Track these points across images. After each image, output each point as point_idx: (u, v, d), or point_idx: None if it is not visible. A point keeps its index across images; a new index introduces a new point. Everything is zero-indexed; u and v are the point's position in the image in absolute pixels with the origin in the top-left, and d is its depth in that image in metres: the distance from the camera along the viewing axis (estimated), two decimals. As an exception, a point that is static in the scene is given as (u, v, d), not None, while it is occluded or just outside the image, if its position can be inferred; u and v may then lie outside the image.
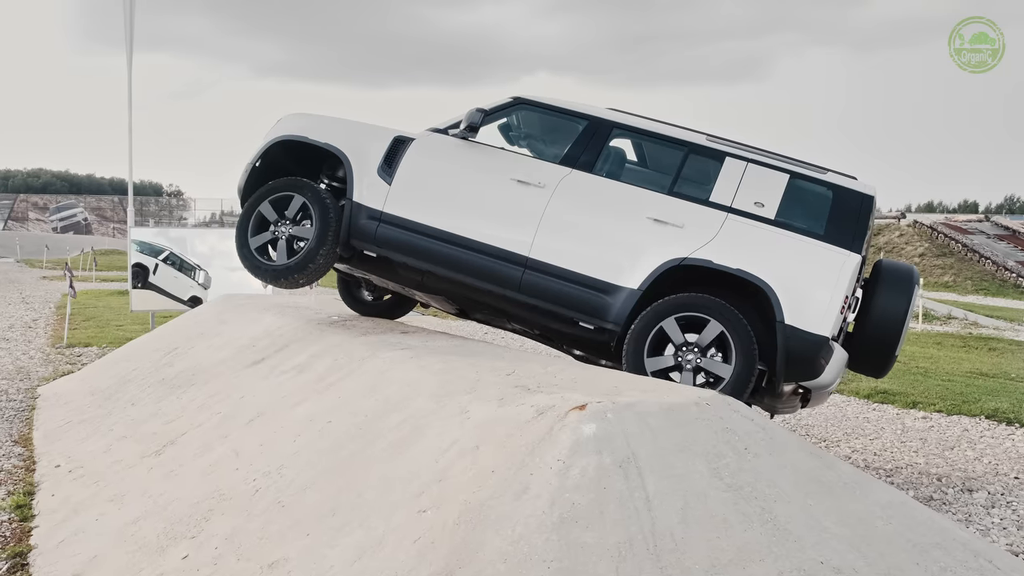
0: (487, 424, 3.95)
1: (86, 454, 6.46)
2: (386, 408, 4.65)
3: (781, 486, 3.57)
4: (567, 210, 5.72)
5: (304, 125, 6.52)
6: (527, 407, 3.94)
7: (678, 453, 3.58)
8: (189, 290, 15.23)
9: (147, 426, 6.52)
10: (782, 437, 3.99)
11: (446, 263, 5.92)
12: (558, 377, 4.55)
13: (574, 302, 5.62)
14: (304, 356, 6.33)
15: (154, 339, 9.74)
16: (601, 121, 6.01)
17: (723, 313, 5.28)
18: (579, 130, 6.01)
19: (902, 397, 10.17)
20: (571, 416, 3.71)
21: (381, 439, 4.31)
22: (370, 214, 6.12)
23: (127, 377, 8.44)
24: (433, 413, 4.32)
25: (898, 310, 5.66)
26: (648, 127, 6.03)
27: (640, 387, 4.28)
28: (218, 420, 5.82)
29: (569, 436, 3.59)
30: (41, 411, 8.47)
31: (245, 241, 6.43)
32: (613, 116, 6.07)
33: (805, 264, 5.33)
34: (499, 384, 4.42)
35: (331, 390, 5.34)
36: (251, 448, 5.01)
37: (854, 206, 5.49)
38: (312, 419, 5.00)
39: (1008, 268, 34.17)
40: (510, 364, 4.98)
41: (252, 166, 6.65)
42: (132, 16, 22.95)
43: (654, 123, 6.07)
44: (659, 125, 6.05)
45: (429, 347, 5.77)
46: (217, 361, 7.45)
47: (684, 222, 5.51)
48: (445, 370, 4.93)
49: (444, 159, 6.12)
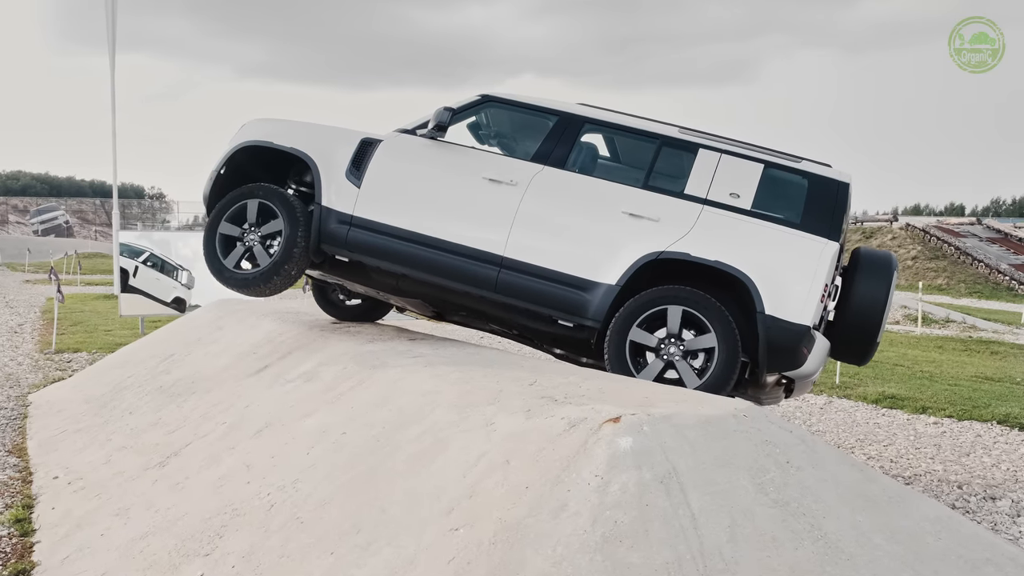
0: (515, 437, 3.78)
1: (85, 465, 6.25)
2: (403, 419, 4.48)
3: (827, 501, 3.42)
4: (540, 207, 5.63)
5: (269, 130, 6.38)
6: (557, 419, 3.78)
7: (720, 468, 3.42)
8: (172, 291, 14.95)
9: (148, 436, 6.32)
10: (821, 448, 3.85)
11: (420, 266, 5.81)
12: (583, 387, 4.38)
13: (552, 300, 5.53)
14: (310, 364, 6.15)
15: (149, 345, 9.52)
16: (572, 116, 5.92)
17: (703, 305, 5.23)
18: (549, 126, 5.93)
19: (911, 402, 10.06)
20: (605, 429, 3.55)
21: (401, 452, 4.14)
22: (340, 218, 5.99)
23: (123, 384, 8.22)
24: (455, 425, 4.15)
25: (878, 297, 5.60)
26: (619, 121, 5.93)
27: (673, 398, 4.12)
28: (223, 430, 5.63)
29: (605, 450, 3.44)
30: (34, 419, 8.24)
31: (216, 260, 6.27)
32: (583, 111, 5.98)
33: (783, 254, 5.26)
34: (523, 395, 4.25)
35: (342, 400, 5.16)
36: (262, 461, 4.82)
37: (830, 194, 5.42)
38: (325, 431, 4.82)
39: (1001, 271, 34.27)
40: (530, 373, 4.81)
41: (217, 173, 6.47)
42: (114, 17, 22.71)
43: (625, 117, 5.97)
44: (630, 119, 5.95)
45: (441, 355, 5.60)
46: (217, 368, 7.25)
47: (660, 215, 5.45)
48: (462, 379, 4.76)
49: (413, 160, 6.00)
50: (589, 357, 6.11)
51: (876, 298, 5.59)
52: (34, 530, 5.21)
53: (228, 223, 6.22)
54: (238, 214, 6.22)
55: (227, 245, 6.27)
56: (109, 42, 21.38)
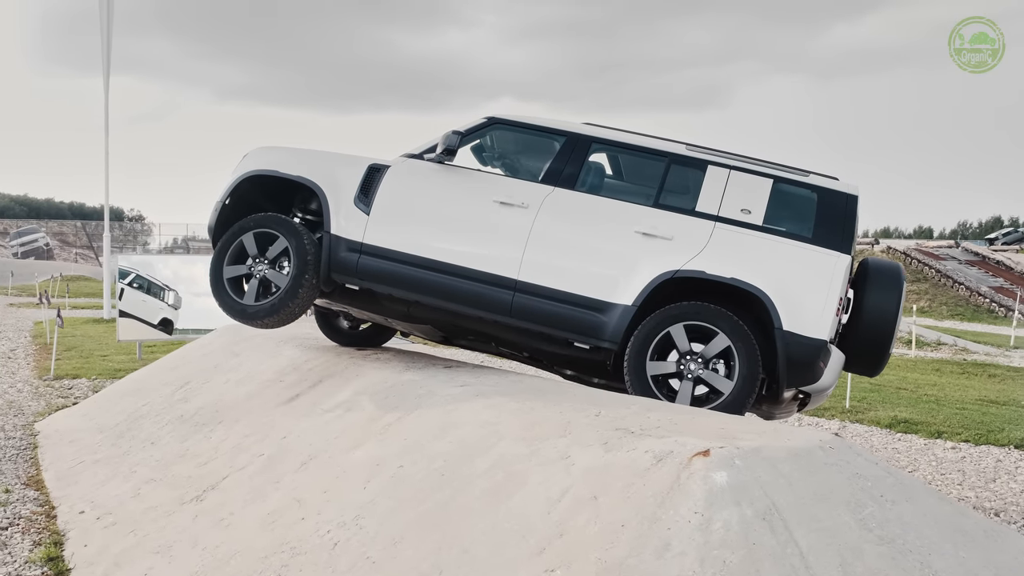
0: (598, 472, 3.68)
1: (111, 499, 6.05)
2: (466, 452, 4.36)
3: (929, 537, 3.34)
4: (553, 229, 5.59)
5: (274, 159, 6.30)
6: (641, 452, 3.68)
7: (819, 503, 3.34)
8: (159, 313, 14.68)
9: (177, 468, 6.14)
10: (907, 481, 3.78)
11: (432, 291, 5.74)
12: (652, 418, 4.29)
13: (567, 323, 5.48)
14: (347, 393, 6.01)
15: (160, 372, 9.31)
16: (579, 136, 5.90)
17: (726, 322, 5.19)
18: (557, 147, 5.91)
19: (924, 427, 10.05)
20: (696, 463, 3.46)
21: (472, 487, 4.02)
22: (350, 246, 5.92)
23: (138, 413, 8.02)
24: (527, 458, 4.03)
25: (889, 308, 5.58)
26: (627, 140, 5.93)
27: (752, 429, 4.04)
28: (263, 463, 5.47)
29: (700, 486, 3.34)
30: (45, 449, 8.02)
31: (220, 274, 6.16)
32: (591, 131, 5.96)
33: (797, 268, 5.25)
34: (593, 426, 4.15)
35: (392, 431, 5.03)
36: (314, 495, 4.67)
37: (839, 207, 5.42)
38: (379, 463, 4.68)
39: (981, 293, 34.66)
40: (591, 403, 4.71)
41: (222, 204, 6.38)
42: (110, 39, 22.51)
43: (632, 135, 5.97)
44: (637, 137, 5.94)
45: (487, 384, 5.48)
46: (241, 397, 7.08)
47: (673, 234, 5.42)
48: (521, 410, 4.65)
49: (423, 185, 5.94)
50: (602, 378, 6.08)
51: (888, 309, 5.58)
52: (69, 569, 5.04)
53: (253, 239, 6.10)
54: (265, 239, 6.10)
55: (239, 257, 6.14)
56: (103, 63, 21.16)
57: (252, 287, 6.10)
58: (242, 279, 6.18)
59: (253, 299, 6.07)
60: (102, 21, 22.22)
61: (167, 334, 14.89)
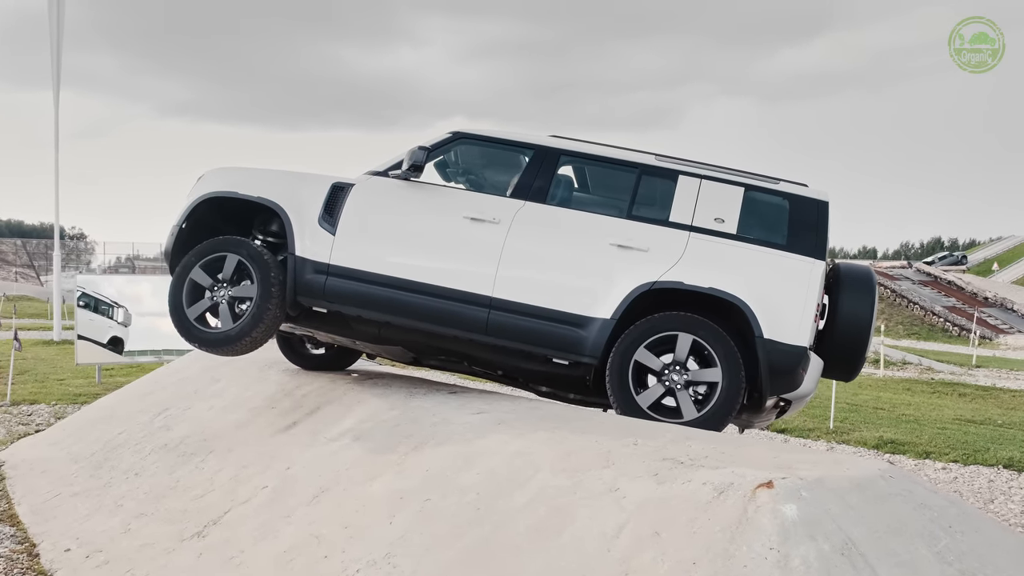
0: (654, 505, 3.50)
1: (98, 535, 5.70)
2: (499, 485, 4.15)
3: (1008, 570, 3.23)
4: (526, 244, 5.51)
5: (233, 180, 6.11)
6: (698, 484, 3.51)
7: (894, 536, 3.20)
8: (108, 331, 14.07)
9: (169, 501, 5.81)
10: (969, 510, 3.67)
11: (404, 312, 5.60)
12: (695, 446, 4.12)
13: (545, 339, 5.39)
14: (350, 421, 5.75)
15: (133, 398, 8.90)
16: (547, 149, 5.82)
17: (714, 337, 5.16)
18: (525, 160, 5.84)
19: (911, 447, 10.07)
20: (762, 496, 3.30)
21: (513, 522, 3.80)
22: (316, 268, 5.74)
23: (115, 442, 7.62)
24: (570, 491, 3.84)
25: (864, 312, 5.58)
26: (595, 151, 5.86)
27: (804, 458, 3.91)
28: (268, 496, 5.19)
29: (771, 519, 3.18)
30: (15, 481, 7.56)
31: (182, 313, 5.95)
32: (558, 143, 5.89)
33: (774, 276, 5.25)
34: (636, 456, 3.98)
35: (410, 462, 4.79)
36: (334, 531, 4.41)
37: (812, 213, 5.43)
38: (402, 496, 4.44)
39: (936, 313, 35.39)
40: (623, 431, 4.53)
41: (178, 228, 6.15)
42: (59, 53, 21.90)
43: (600, 147, 5.91)
44: (606, 149, 5.88)
45: (504, 410, 5.27)
46: (230, 425, 6.76)
47: (648, 245, 5.38)
48: (553, 439, 4.45)
49: (389, 202, 5.81)
50: (579, 394, 6.02)
51: (862, 313, 5.57)
52: (62, 613, 4.68)
53: (201, 271, 5.90)
54: (213, 264, 5.90)
55: (195, 293, 5.94)
56: (54, 78, 20.53)
57: (224, 313, 5.88)
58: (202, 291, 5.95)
59: (231, 322, 5.85)
60: (51, 34, 21.57)
61: (117, 354, 14.26)
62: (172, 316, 5.99)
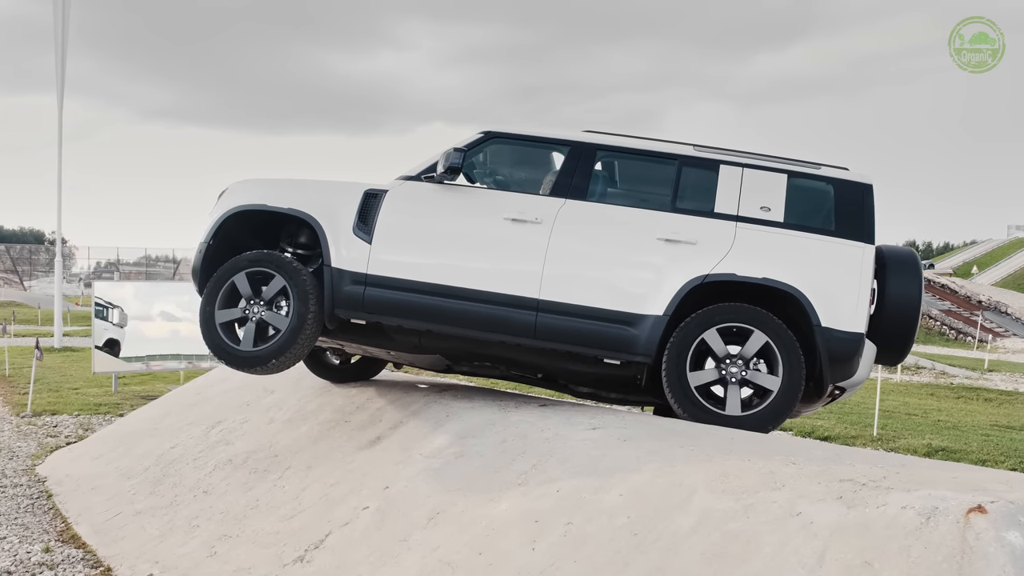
0: (852, 531, 3.27)
1: (179, 558, 5.41)
2: (653, 507, 3.91)
3: None
4: (571, 243, 5.38)
5: (261, 192, 5.92)
6: (897, 509, 3.28)
7: None
8: (104, 333, 13.67)
9: (253, 522, 5.52)
10: None
11: (448, 319, 5.44)
12: (859, 466, 3.91)
13: (597, 339, 5.27)
14: (445, 437, 5.48)
15: (178, 410, 8.59)
16: (584, 145, 5.68)
17: (785, 344, 5.05)
18: (562, 157, 5.72)
19: (964, 455, 9.93)
20: (978, 522, 3.08)
21: (684, 549, 3.56)
22: (354, 278, 5.56)
23: (167, 457, 7.33)
24: (742, 515, 3.61)
25: (913, 295, 5.49)
26: (632, 144, 5.72)
27: (990, 476, 3.70)
28: (372, 517, 4.91)
29: (998, 548, 2.96)
30: (65, 498, 7.24)
31: (211, 318, 5.73)
32: (594, 138, 5.74)
33: (826, 263, 5.15)
34: (806, 477, 3.75)
35: (533, 482, 4.54)
36: (466, 557, 4.15)
37: (857, 197, 5.32)
38: (537, 520, 4.19)
39: (932, 316, 35.52)
40: (763, 446, 4.32)
41: (206, 245, 5.96)
42: (64, 56, 21.46)
43: (636, 140, 5.76)
44: (643, 142, 5.73)
45: (618, 425, 5.04)
46: (301, 439, 6.48)
47: (696, 238, 5.25)
48: (697, 457, 4.22)
49: (426, 207, 5.65)
50: (624, 394, 5.92)
51: (912, 296, 5.49)
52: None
53: (246, 279, 5.69)
54: (259, 278, 5.69)
55: (230, 299, 5.73)
56: (58, 82, 20.07)
57: (249, 332, 5.66)
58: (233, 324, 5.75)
59: (251, 345, 5.63)
60: (56, 38, 21.17)
61: (114, 356, 13.82)
62: (203, 330, 5.76)
